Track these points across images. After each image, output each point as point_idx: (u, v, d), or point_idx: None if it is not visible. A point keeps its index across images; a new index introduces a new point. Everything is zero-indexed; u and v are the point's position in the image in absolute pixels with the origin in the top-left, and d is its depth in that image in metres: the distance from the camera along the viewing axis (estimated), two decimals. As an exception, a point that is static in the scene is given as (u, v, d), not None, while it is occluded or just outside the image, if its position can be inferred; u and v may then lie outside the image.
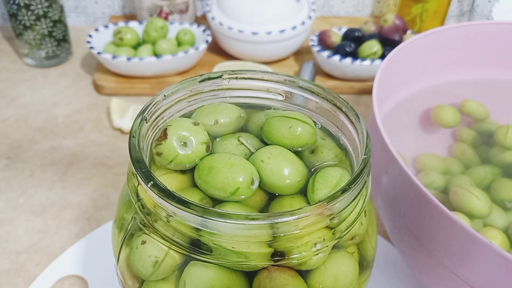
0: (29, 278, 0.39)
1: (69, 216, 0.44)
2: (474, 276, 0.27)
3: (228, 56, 0.68)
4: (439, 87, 0.47)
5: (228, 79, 0.27)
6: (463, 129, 0.44)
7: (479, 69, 0.47)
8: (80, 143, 0.53)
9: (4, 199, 0.46)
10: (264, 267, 0.21)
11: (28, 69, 0.66)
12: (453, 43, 0.45)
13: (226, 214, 0.19)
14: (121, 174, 0.49)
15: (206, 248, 0.21)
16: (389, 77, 0.40)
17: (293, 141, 0.25)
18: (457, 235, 0.26)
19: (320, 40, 0.64)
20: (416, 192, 0.28)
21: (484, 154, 0.41)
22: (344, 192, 0.20)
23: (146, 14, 0.71)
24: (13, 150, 0.52)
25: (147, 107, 0.25)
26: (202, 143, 0.24)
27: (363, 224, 0.24)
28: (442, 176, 0.39)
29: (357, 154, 0.24)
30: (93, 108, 0.59)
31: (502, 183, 0.37)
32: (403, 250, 0.34)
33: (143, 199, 0.22)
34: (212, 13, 0.65)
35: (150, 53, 0.62)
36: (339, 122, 0.26)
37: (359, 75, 0.61)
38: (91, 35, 0.62)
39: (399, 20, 0.63)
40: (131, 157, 0.22)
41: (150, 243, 0.22)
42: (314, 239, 0.21)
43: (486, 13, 0.84)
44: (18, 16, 0.61)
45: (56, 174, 0.49)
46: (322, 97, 0.27)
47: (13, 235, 0.43)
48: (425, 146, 0.43)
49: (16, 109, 0.58)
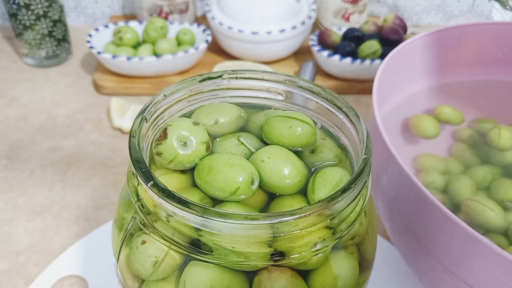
0: (29, 278, 0.39)
1: (69, 216, 0.44)
2: (474, 276, 0.27)
3: (228, 56, 0.68)
4: (438, 87, 0.47)
5: (228, 79, 0.27)
6: (463, 129, 0.44)
7: (479, 69, 0.47)
8: (80, 143, 0.53)
9: (4, 199, 0.46)
10: (264, 267, 0.21)
11: (28, 69, 0.66)
12: (453, 43, 0.45)
13: (226, 214, 0.19)
14: (121, 174, 0.49)
15: (206, 248, 0.21)
16: (389, 77, 0.40)
17: (293, 141, 0.25)
18: (457, 235, 0.26)
19: (320, 40, 0.64)
20: (416, 192, 0.28)
21: (484, 154, 0.41)
22: (344, 192, 0.20)
23: (146, 14, 0.71)
24: (13, 150, 0.52)
25: (147, 107, 0.25)
26: (202, 143, 0.24)
27: (363, 224, 0.24)
28: (442, 176, 0.39)
29: (357, 154, 0.24)
30: (93, 108, 0.59)
31: (502, 183, 0.37)
32: (403, 250, 0.34)
33: (143, 199, 0.22)
34: (212, 13, 0.65)
35: (150, 53, 0.62)
36: (339, 122, 0.26)
37: (359, 75, 0.61)
38: (91, 35, 0.62)
39: (399, 20, 0.63)
40: (131, 157, 0.22)
41: (150, 243, 0.22)
42: (314, 239, 0.21)
43: (486, 13, 0.84)
44: (18, 16, 0.61)
45: (56, 174, 0.49)
46: (322, 97, 0.27)
47: (13, 235, 0.43)
48: (425, 146, 0.43)
49: (16, 109, 0.58)
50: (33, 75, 0.64)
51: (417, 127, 0.42)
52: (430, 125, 0.42)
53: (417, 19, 0.84)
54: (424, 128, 0.42)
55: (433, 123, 0.42)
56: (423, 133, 0.42)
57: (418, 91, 0.46)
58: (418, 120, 0.42)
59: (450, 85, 0.47)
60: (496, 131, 0.40)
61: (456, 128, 0.44)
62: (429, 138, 0.42)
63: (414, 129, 0.42)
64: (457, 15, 0.83)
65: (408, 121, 0.44)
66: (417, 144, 0.43)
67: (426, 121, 0.42)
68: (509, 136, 0.40)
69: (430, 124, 0.42)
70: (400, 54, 0.41)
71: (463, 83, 0.47)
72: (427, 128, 0.42)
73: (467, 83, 0.47)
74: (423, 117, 0.43)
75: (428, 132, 0.42)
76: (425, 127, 0.42)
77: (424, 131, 0.42)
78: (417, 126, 0.42)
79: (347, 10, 0.72)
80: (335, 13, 0.72)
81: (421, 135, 0.42)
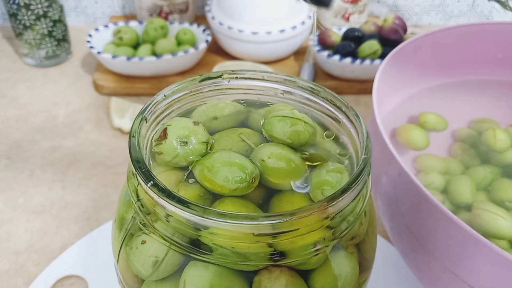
0: (29, 278, 0.39)
1: (69, 216, 0.44)
2: (474, 276, 0.27)
3: (228, 56, 0.68)
4: (438, 87, 0.47)
5: (228, 79, 0.27)
6: (463, 129, 0.44)
7: (479, 69, 0.47)
8: (80, 143, 0.53)
9: (4, 199, 0.46)
10: (264, 267, 0.21)
11: (28, 69, 0.66)
12: (453, 43, 0.45)
13: (226, 214, 0.19)
14: (121, 174, 0.49)
15: (206, 248, 0.21)
16: (389, 77, 0.40)
17: (293, 141, 0.25)
18: (457, 235, 0.26)
19: (320, 40, 0.64)
20: (416, 192, 0.28)
21: (484, 154, 0.41)
22: (344, 192, 0.20)
23: (146, 14, 0.71)
24: (13, 150, 0.52)
25: (147, 107, 0.25)
26: (202, 143, 0.24)
27: (363, 224, 0.24)
28: (442, 176, 0.39)
29: (357, 154, 0.24)
30: (93, 108, 0.59)
31: (502, 183, 0.37)
32: (403, 250, 0.34)
33: (143, 199, 0.22)
34: (212, 12, 0.65)
35: (150, 52, 0.62)
36: (339, 122, 0.26)
37: (359, 75, 0.61)
38: (91, 35, 0.62)
39: (399, 20, 0.63)
40: (131, 157, 0.22)
41: (150, 243, 0.22)
42: (314, 239, 0.21)
43: (486, 13, 0.84)
44: (18, 16, 0.61)
45: (56, 174, 0.49)
46: (322, 97, 0.27)
47: (13, 235, 0.43)
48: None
49: (16, 109, 0.58)
50: (33, 75, 0.64)
51: (406, 140, 0.41)
52: (419, 137, 0.41)
53: (417, 19, 0.84)
54: (414, 139, 0.41)
55: (422, 134, 0.41)
56: (413, 145, 0.41)
57: (418, 91, 0.46)
58: (407, 132, 0.41)
59: (450, 85, 0.47)
60: (491, 133, 0.40)
61: (456, 128, 0.44)
62: (420, 150, 0.41)
63: (403, 141, 0.41)
64: (457, 15, 0.83)
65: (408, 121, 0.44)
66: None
67: (414, 133, 0.41)
68: (505, 137, 0.40)
69: (419, 136, 0.41)
70: (400, 54, 0.41)
71: (463, 83, 0.47)
72: (417, 140, 0.41)
73: (467, 83, 0.47)
74: (411, 128, 0.42)
75: (418, 144, 0.41)
76: (415, 139, 0.41)
77: (414, 143, 0.41)
78: (406, 139, 0.41)
79: (347, 10, 0.72)
80: (335, 13, 0.72)
81: (411, 148, 0.41)
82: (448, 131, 0.44)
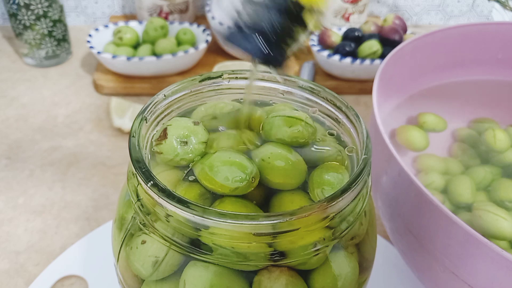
0: (29, 278, 0.39)
1: (69, 216, 0.44)
2: (474, 276, 0.27)
3: (228, 56, 0.68)
4: (438, 87, 0.47)
5: (228, 79, 0.27)
6: (463, 129, 0.44)
7: (479, 69, 0.47)
8: (80, 143, 0.53)
9: (4, 199, 0.46)
10: (264, 267, 0.21)
11: (28, 69, 0.66)
12: (453, 43, 0.45)
13: (226, 214, 0.19)
14: (121, 174, 0.49)
15: (206, 248, 0.21)
16: (389, 77, 0.40)
17: (293, 140, 0.25)
18: (457, 235, 0.26)
19: (320, 40, 0.64)
20: (416, 192, 0.28)
21: (483, 154, 0.41)
22: (344, 192, 0.20)
23: (146, 14, 0.71)
24: (13, 150, 0.52)
25: (147, 107, 0.25)
26: (202, 143, 0.24)
27: (363, 224, 0.24)
28: (442, 176, 0.39)
29: (357, 154, 0.24)
30: (93, 108, 0.59)
31: (502, 183, 0.37)
32: (403, 250, 0.34)
33: (143, 199, 0.22)
34: (212, 12, 0.65)
35: (150, 52, 0.62)
36: (339, 122, 0.26)
37: (359, 75, 0.61)
38: (91, 35, 0.62)
39: (399, 20, 0.63)
40: (131, 157, 0.22)
41: (150, 243, 0.22)
42: (314, 239, 0.21)
43: (486, 13, 0.84)
44: (18, 16, 0.61)
45: (56, 174, 0.49)
46: (322, 97, 0.27)
47: (13, 235, 0.43)
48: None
49: (16, 109, 0.58)
50: (33, 75, 0.64)
51: (406, 141, 0.41)
52: (418, 138, 0.41)
53: (417, 19, 0.84)
54: (413, 140, 0.41)
55: (421, 135, 0.41)
56: (412, 146, 0.41)
57: (418, 91, 0.46)
58: (406, 133, 0.41)
59: (450, 85, 0.47)
60: (491, 133, 0.40)
61: (456, 128, 0.44)
62: (419, 151, 0.41)
63: (403, 142, 0.41)
64: (457, 15, 0.83)
65: (408, 121, 0.44)
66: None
67: (413, 134, 0.41)
68: (505, 137, 0.40)
69: (419, 137, 0.41)
70: (400, 54, 0.41)
71: (463, 83, 0.47)
72: (416, 141, 0.40)
73: (467, 83, 0.47)
74: (410, 129, 0.42)
75: (418, 145, 0.41)
76: (414, 140, 0.40)
77: (413, 144, 0.41)
78: (405, 140, 0.41)
79: (347, 10, 0.72)
80: (335, 13, 0.72)
81: (410, 149, 0.41)
82: (448, 131, 0.44)
